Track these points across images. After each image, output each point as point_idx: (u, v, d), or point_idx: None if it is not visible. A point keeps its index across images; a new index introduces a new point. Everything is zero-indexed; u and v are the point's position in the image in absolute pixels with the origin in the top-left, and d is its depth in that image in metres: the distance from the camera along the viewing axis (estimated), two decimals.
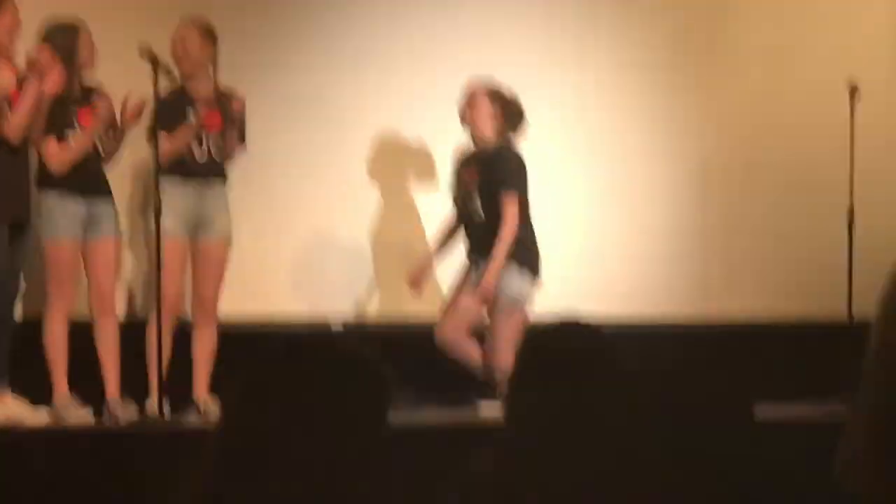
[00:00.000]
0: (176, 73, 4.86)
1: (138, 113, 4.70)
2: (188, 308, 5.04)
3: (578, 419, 1.96)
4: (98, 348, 4.73)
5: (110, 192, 4.92)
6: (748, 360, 5.28)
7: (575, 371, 2.15)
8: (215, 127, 4.85)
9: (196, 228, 4.93)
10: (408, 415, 4.39)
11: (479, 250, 5.09)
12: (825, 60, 6.37)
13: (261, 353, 1.70)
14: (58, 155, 4.65)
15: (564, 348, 2.22)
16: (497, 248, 4.98)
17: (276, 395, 1.67)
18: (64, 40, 4.73)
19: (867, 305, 2.94)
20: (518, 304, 5.10)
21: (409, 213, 5.81)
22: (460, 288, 5.20)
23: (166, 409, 4.69)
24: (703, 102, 6.35)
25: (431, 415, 4.86)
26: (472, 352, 5.08)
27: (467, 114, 5.14)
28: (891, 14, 6.62)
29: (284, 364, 1.71)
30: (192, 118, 4.81)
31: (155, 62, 4.61)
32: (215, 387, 4.96)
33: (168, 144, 4.72)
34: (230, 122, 4.86)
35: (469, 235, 5.22)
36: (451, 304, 5.27)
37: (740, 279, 6.21)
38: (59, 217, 4.75)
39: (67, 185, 4.72)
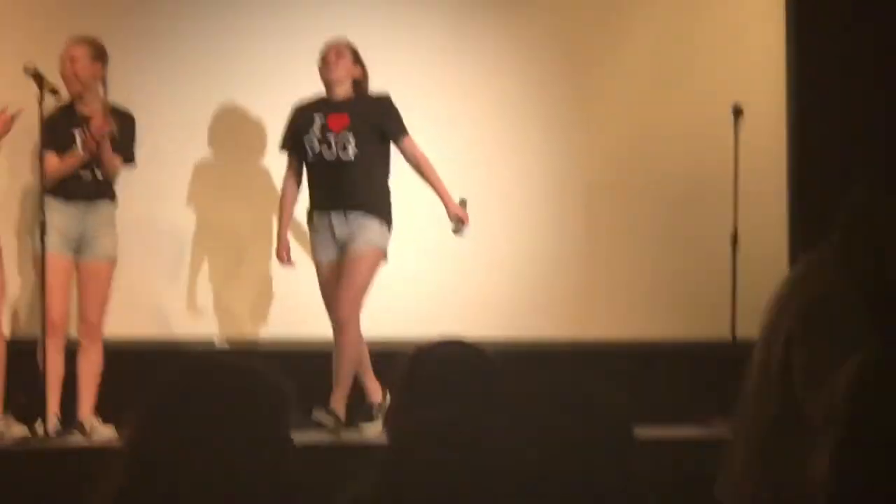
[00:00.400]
0: (64, 91, 4.86)
1: (6, 127, 4.69)
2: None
3: (460, 439, 1.94)
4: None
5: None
6: (631, 380, 5.36)
7: (458, 390, 2.19)
8: None
9: (79, 248, 4.91)
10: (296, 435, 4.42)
11: (341, 199, 5.02)
12: (711, 83, 6.53)
13: (160, 373, 1.75)
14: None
15: (447, 367, 2.26)
16: (437, 181, 5.09)
17: (177, 415, 1.74)
18: None
19: (750, 327, 3.30)
20: (382, 253, 5.12)
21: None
22: (328, 249, 5.11)
23: (53, 428, 4.75)
24: (588, 121, 6.44)
25: (314, 436, 4.89)
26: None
27: (332, 62, 5.11)
28: (777, 39, 6.88)
29: (183, 383, 1.78)
30: (78, 138, 4.81)
31: (40, 80, 4.67)
32: (101, 407, 4.94)
33: (54, 166, 4.75)
34: (115, 141, 4.87)
35: (325, 186, 5.10)
36: (336, 271, 5.10)
37: (625, 300, 6.31)
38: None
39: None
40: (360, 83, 5.15)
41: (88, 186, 4.96)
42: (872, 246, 3.01)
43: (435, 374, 2.28)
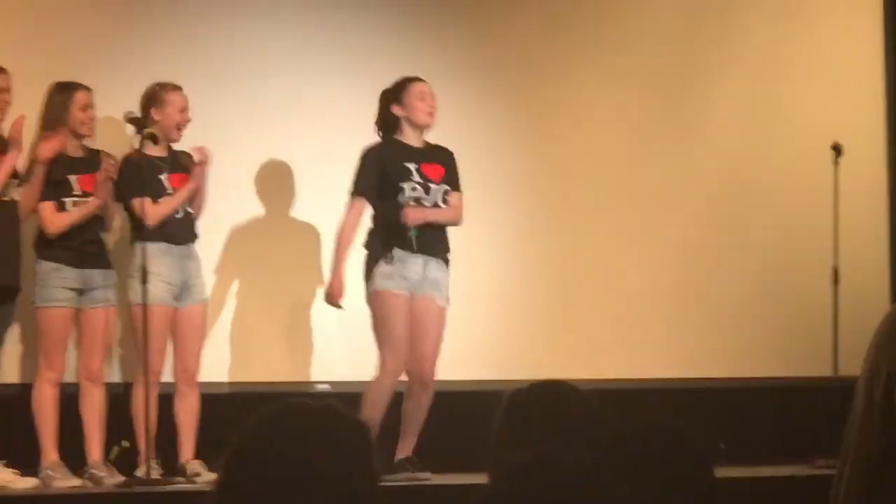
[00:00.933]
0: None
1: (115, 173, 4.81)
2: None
3: (561, 478, 1.79)
4: (83, 414, 4.80)
5: (108, 261, 5.00)
6: (734, 417, 5.37)
7: (557, 429, 2.23)
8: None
9: (180, 294, 4.96)
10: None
11: (430, 247, 5.04)
12: (809, 121, 6.63)
13: (251, 416, 1.73)
14: (54, 220, 4.75)
15: (545, 407, 2.31)
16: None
17: (265, 459, 1.74)
18: (59, 101, 4.82)
19: (852, 366, 3.08)
20: None
21: None
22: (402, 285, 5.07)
23: (155, 472, 4.82)
24: (687, 160, 6.54)
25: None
26: None
27: (432, 104, 5.15)
28: (876, 75, 6.92)
29: (269, 427, 1.74)
30: (165, 182, 4.88)
31: (140, 126, 4.80)
32: (199, 451, 5.01)
33: (155, 210, 4.79)
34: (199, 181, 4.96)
35: (413, 235, 5.10)
36: (424, 328, 5.11)
37: (729, 338, 6.35)
38: (54, 285, 4.84)
39: (64, 252, 4.83)
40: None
41: (185, 228, 5.00)
42: None
43: (533, 414, 2.31)
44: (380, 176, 5.09)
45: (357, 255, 5.32)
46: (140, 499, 4.97)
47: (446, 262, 5.10)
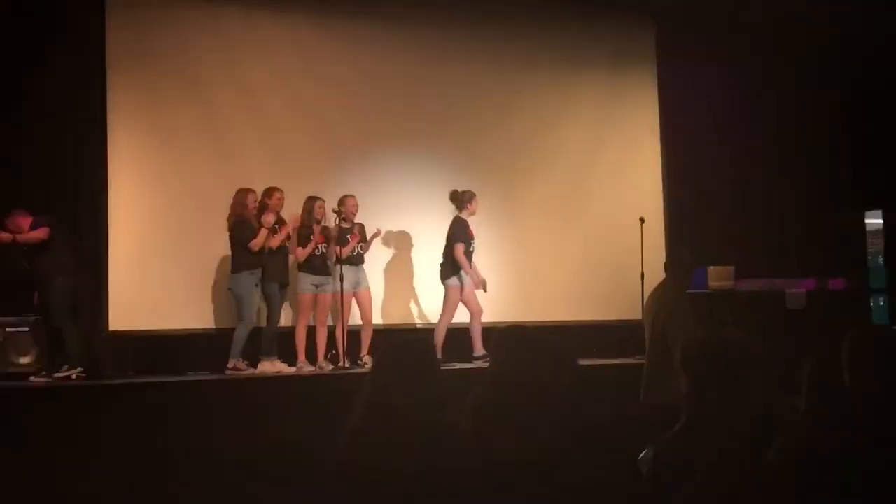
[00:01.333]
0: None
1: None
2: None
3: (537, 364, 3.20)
4: (318, 339, 9.34)
5: (329, 272, 9.32)
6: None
7: (531, 347, 3.30)
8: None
9: (356, 286, 9.51)
10: None
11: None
12: (624, 200, 10.73)
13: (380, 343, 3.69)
14: (300, 255, 9.41)
15: (526, 335, 3.42)
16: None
17: (389, 363, 3.30)
18: (309, 207, 9.43)
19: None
20: None
21: None
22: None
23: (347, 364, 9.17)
24: (568, 213, 11.01)
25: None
26: None
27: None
28: (657, 174, 11.33)
29: (393, 349, 3.35)
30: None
31: (340, 214, 9.41)
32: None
33: (344, 251, 9.47)
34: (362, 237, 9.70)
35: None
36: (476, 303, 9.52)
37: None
38: (304, 283, 9.47)
39: (308, 268, 9.43)
40: None
41: (358, 258, 9.53)
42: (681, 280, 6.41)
43: (518, 337, 3.43)
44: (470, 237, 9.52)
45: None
46: (338, 378, 8.63)
47: None
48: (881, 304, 12.58)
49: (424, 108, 10.73)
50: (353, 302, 9.56)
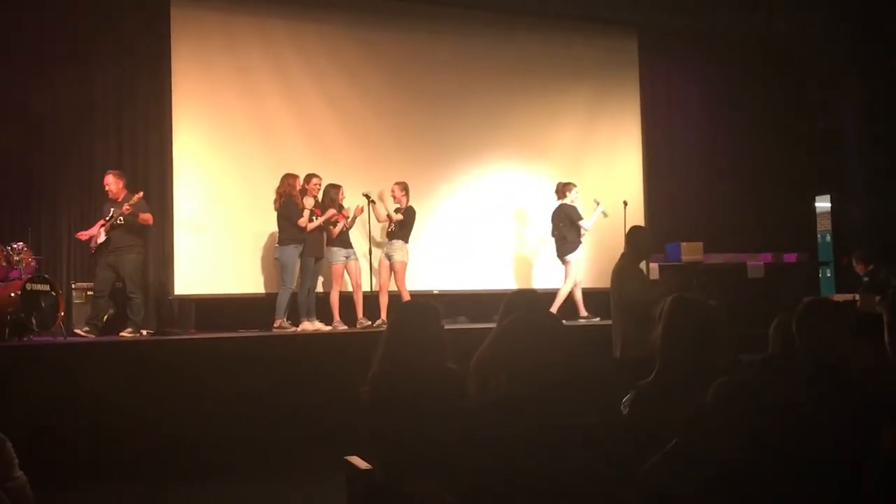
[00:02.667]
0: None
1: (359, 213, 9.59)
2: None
3: (539, 326, 2.91)
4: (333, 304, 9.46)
5: (351, 245, 9.38)
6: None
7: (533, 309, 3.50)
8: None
9: (389, 256, 9.49)
10: None
11: None
12: (613, 186, 10.76)
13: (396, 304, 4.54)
14: (335, 232, 9.44)
15: (529, 297, 3.94)
16: None
17: (400, 321, 3.58)
18: (333, 194, 9.40)
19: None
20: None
21: None
22: None
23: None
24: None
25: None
26: None
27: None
28: (637, 163, 11.47)
29: (410, 307, 3.82)
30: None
31: (370, 200, 9.61)
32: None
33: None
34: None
35: None
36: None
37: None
38: (336, 255, 9.47)
39: (337, 243, 9.48)
40: None
41: (398, 234, 9.39)
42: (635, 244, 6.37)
43: (522, 301, 3.75)
44: None
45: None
46: (351, 335, 8.75)
47: None
48: (828, 274, 12.71)
49: (440, 109, 10.90)
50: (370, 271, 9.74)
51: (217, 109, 10.01)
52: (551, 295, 9.51)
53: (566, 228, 9.85)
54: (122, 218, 8.51)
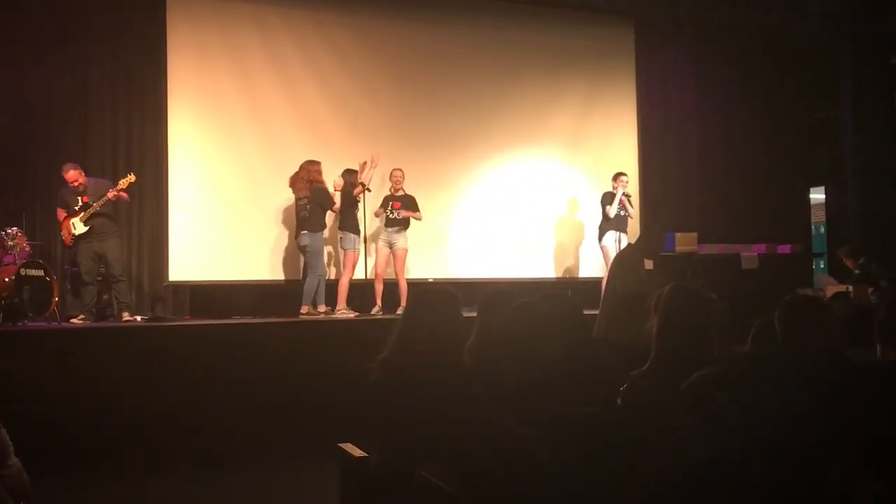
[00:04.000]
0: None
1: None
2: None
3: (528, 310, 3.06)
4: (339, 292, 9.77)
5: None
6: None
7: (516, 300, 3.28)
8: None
9: (392, 245, 9.39)
10: None
11: None
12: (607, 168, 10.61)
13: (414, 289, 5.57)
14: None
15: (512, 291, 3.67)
16: None
17: (419, 305, 3.47)
18: (351, 178, 9.39)
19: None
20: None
21: None
22: None
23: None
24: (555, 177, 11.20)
25: None
26: None
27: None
28: (633, 148, 11.57)
29: (423, 293, 3.43)
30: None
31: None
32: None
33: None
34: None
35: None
36: None
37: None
38: (352, 241, 9.25)
39: (352, 229, 9.23)
40: None
41: (400, 222, 9.37)
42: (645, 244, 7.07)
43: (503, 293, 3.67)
44: None
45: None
46: (365, 321, 8.72)
47: None
48: (822, 266, 12.75)
49: (435, 96, 10.92)
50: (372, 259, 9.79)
51: (213, 97, 10.02)
52: (527, 286, 9.46)
53: (602, 216, 10.03)
54: (103, 204, 8.45)
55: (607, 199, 9.97)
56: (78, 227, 8.45)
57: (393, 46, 10.71)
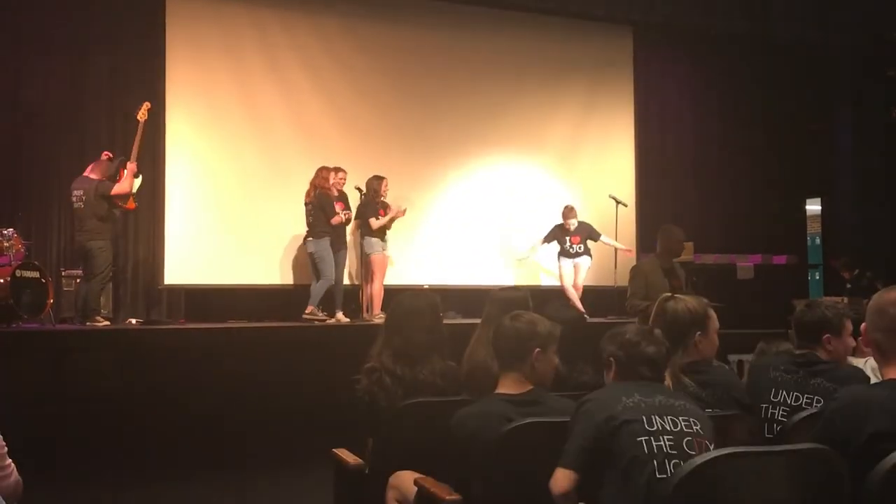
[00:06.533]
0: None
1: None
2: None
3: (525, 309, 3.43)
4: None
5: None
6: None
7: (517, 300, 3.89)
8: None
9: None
10: None
11: None
12: (602, 184, 10.88)
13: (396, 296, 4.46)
14: (375, 224, 9.28)
15: (513, 292, 5.17)
16: None
17: (404, 311, 3.62)
18: (374, 185, 9.36)
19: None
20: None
21: None
22: None
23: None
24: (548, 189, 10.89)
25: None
26: None
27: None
28: (630, 163, 11.51)
29: (406, 300, 3.67)
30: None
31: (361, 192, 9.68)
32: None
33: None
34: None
35: None
36: None
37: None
38: (375, 245, 9.27)
39: (377, 234, 9.25)
40: None
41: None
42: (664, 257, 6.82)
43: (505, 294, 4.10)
44: None
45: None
46: (355, 326, 8.70)
47: None
48: (817, 277, 12.77)
49: (433, 102, 10.89)
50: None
51: (210, 100, 10.00)
52: (538, 292, 9.48)
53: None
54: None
55: (556, 233, 10.10)
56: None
57: (391, 52, 10.70)
